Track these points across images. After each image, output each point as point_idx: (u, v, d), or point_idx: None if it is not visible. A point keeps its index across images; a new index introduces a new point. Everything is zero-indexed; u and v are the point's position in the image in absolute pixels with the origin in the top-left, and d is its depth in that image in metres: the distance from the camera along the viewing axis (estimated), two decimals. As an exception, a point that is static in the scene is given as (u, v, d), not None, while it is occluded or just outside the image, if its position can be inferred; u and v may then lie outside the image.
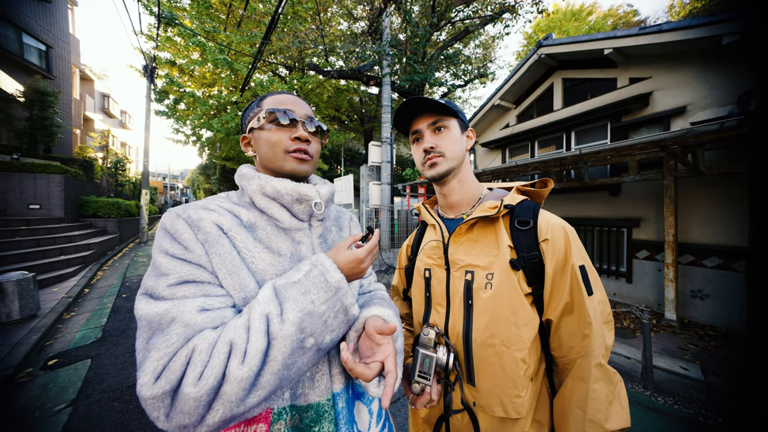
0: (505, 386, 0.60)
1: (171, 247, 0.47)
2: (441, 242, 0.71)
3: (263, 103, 0.60)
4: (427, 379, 0.61)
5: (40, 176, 6.48)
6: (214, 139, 11.04)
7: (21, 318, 3.13)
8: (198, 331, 0.42)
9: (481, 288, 0.63)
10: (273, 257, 0.54)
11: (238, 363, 0.39)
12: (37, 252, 4.97)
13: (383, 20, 5.87)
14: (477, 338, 0.62)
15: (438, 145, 0.68)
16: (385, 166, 5.66)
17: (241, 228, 0.53)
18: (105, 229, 8.07)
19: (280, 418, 0.48)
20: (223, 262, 0.48)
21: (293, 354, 0.43)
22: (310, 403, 0.51)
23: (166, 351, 0.40)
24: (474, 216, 0.66)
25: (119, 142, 21.13)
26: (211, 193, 26.83)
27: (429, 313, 0.72)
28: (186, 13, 8.57)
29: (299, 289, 0.46)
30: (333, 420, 0.52)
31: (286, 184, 0.55)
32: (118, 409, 1.93)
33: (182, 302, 0.43)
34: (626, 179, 3.63)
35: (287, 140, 0.57)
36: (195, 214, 0.51)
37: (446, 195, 0.73)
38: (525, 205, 0.66)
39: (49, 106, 7.88)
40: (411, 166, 8.98)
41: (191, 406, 0.37)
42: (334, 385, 0.55)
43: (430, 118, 0.69)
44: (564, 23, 16.47)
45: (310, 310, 0.45)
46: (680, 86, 3.57)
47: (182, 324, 0.42)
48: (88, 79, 17.02)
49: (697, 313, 3.36)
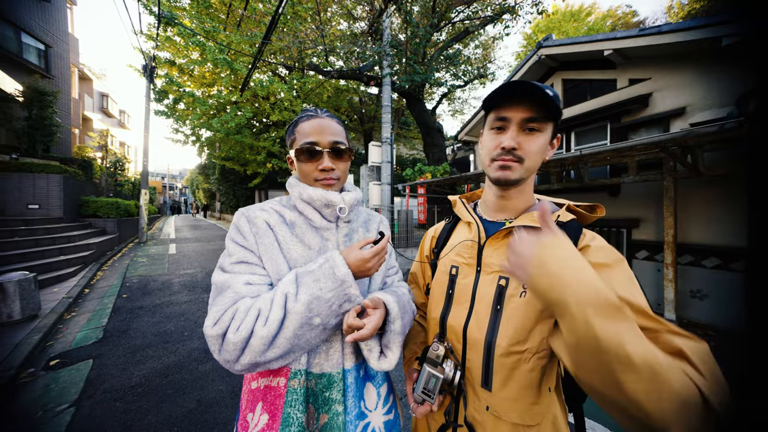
0: (524, 393, 0.58)
1: (236, 236, 0.64)
2: (476, 242, 0.68)
3: (296, 131, 0.71)
4: (431, 397, 0.61)
5: (39, 176, 6.45)
6: (214, 138, 11.04)
7: (22, 318, 3.12)
8: (241, 298, 0.57)
9: (515, 295, 0.60)
10: (304, 250, 0.67)
11: (261, 324, 0.53)
12: (36, 252, 4.95)
13: (383, 21, 5.88)
14: (502, 344, 0.60)
15: (522, 147, 0.58)
16: (385, 167, 5.67)
17: (284, 225, 0.68)
18: (104, 229, 8.04)
19: (296, 377, 0.62)
20: (267, 250, 0.64)
21: (302, 327, 0.55)
22: (324, 372, 0.63)
23: (221, 307, 0.56)
24: (521, 224, 0.61)
25: (118, 142, 21.06)
26: (210, 192, 26.76)
27: (448, 312, 0.70)
28: (186, 12, 8.55)
29: (312, 277, 0.58)
30: (341, 390, 0.63)
31: (318, 192, 0.68)
32: (120, 410, 1.93)
33: (236, 276, 0.60)
34: (626, 180, 3.65)
35: (316, 171, 0.69)
36: (253, 213, 0.67)
37: (501, 201, 0.67)
38: (570, 226, 0.61)
39: (48, 106, 7.85)
40: (411, 167, 8.98)
41: (231, 347, 0.53)
42: (345, 361, 0.65)
43: (526, 111, 0.57)
44: (563, 24, 16.51)
45: (318, 295, 0.56)
46: (680, 87, 3.59)
47: (233, 291, 0.58)
48: (87, 79, 16.95)
49: (697, 313, 3.38)
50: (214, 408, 1.97)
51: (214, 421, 1.85)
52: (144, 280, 5.20)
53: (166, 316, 3.58)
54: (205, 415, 1.90)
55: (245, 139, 10.02)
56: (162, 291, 4.62)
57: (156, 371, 2.39)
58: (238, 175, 15.70)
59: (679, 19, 15.07)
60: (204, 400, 2.04)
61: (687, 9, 14.86)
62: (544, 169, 4.35)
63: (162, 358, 2.61)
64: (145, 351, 2.72)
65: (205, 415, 1.90)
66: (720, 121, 2.71)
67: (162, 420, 1.85)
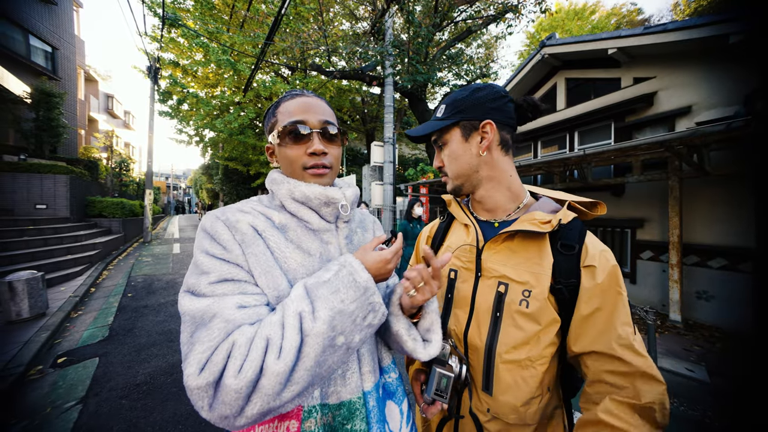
0: (524, 397, 0.59)
1: (211, 247, 0.50)
2: (475, 247, 0.67)
3: (278, 111, 0.60)
4: (443, 398, 0.59)
5: (46, 176, 6.55)
6: (217, 139, 11.11)
7: (30, 316, 3.18)
8: (237, 327, 0.44)
9: (514, 303, 0.59)
10: (303, 257, 0.56)
11: (274, 358, 0.41)
12: (44, 251, 5.03)
13: (386, 20, 5.88)
14: (502, 352, 0.60)
15: (445, 163, 0.68)
16: (388, 167, 5.67)
17: (274, 229, 0.55)
18: (110, 229, 8.14)
19: (311, 416, 0.50)
20: (258, 261, 0.51)
21: (324, 351, 0.44)
22: (342, 401, 0.53)
23: (209, 344, 0.42)
24: (521, 228, 0.59)
25: (123, 143, 21.29)
26: (213, 192, 26.94)
27: (448, 316, 0.69)
28: (189, 14, 8.63)
29: (329, 289, 0.47)
30: (364, 418, 0.53)
31: (314, 189, 0.57)
32: (126, 407, 1.96)
33: (222, 299, 0.46)
34: (630, 179, 3.62)
35: (304, 156, 0.58)
36: (233, 216, 0.53)
37: (480, 202, 0.69)
38: (572, 226, 0.61)
39: (54, 107, 7.96)
40: (413, 167, 8.98)
41: (232, 397, 0.39)
42: (364, 383, 0.56)
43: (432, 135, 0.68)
44: (567, 22, 16.38)
45: (341, 308, 0.46)
46: (685, 86, 3.55)
47: (223, 320, 0.44)
48: (93, 80, 17.16)
49: (703, 314, 3.34)
50: (218, 406, 1.99)
51: (218, 419, 1.87)
52: (149, 280, 5.26)
53: (171, 315, 3.62)
54: (210, 413, 1.92)
55: (248, 139, 10.09)
56: (166, 290, 4.67)
57: (161, 369, 2.42)
58: (241, 175, 15.81)
59: (685, 17, 14.88)
60: (208, 399, 2.06)
61: (693, 6, 14.66)
62: (546, 169, 4.32)
63: (167, 356, 2.64)
64: (150, 349, 2.76)
65: (210, 413, 1.92)
66: (727, 120, 2.68)
67: (167, 418, 1.87)
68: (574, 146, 4.86)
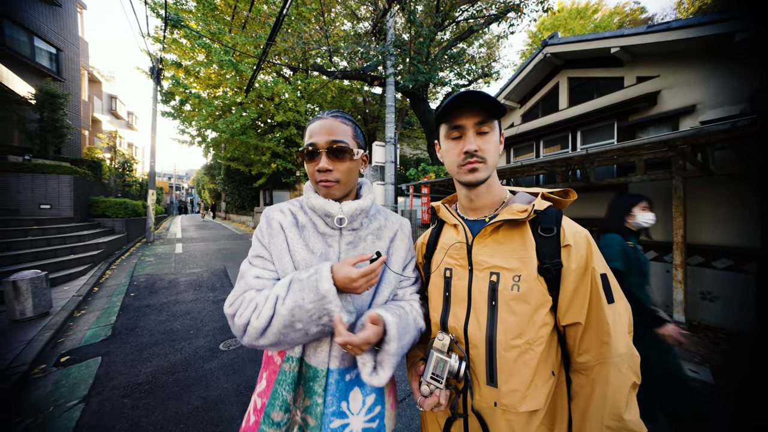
0: (529, 382, 0.61)
1: (258, 233, 0.74)
2: (465, 243, 0.71)
3: (305, 133, 0.74)
4: (439, 382, 0.62)
5: (50, 177, 6.60)
6: (219, 139, 11.15)
7: (34, 315, 3.20)
8: (250, 289, 0.67)
9: (507, 289, 0.63)
10: (307, 253, 0.72)
11: (255, 317, 0.62)
12: (48, 251, 5.07)
13: (387, 20, 5.88)
14: (502, 340, 0.62)
15: (482, 149, 0.64)
16: (389, 167, 5.66)
17: (294, 227, 0.74)
18: (113, 229, 8.20)
19: (288, 361, 0.70)
20: (276, 250, 0.72)
21: (285, 328, 0.61)
22: (311, 365, 0.70)
23: (236, 292, 0.67)
24: (502, 218, 0.65)
25: (126, 143, 21.44)
26: (215, 192, 27.06)
27: (447, 314, 0.71)
28: (192, 15, 8.67)
29: (299, 286, 0.62)
30: (323, 386, 0.68)
31: (317, 201, 0.72)
32: (128, 406, 1.97)
33: (252, 269, 0.70)
34: (633, 179, 3.59)
35: (315, 172, 0.70)
36: (272, 214, 0.76)
37: (473, 199, 0.72)
38: (549, 212, 0.66)
39: (59, 108, 8.03)
40: (414, 167, 8.97)
41: (236, 328, 0.64)
42: (330, 362, 0.70)
43: (477, 116, 0.64)
44: (569, 21, 16.31)
45: (300, 304, 0.60)
46: (689, 85, 3.52)
47: (245, 281, 0.68)
48: (96, 81, 17.29)
49: (707, 315, 3.31)
50: (219, 406, 1.99)
51: (219, 419, 1.87)
52: (151, 279, 5.29)
53: (173, 315, 3.64)
54: (211, 413, 1.92)
55: (250, 139, 10.12)
56: (169, 290, 4.69)
57: (163, 369, 2.43)
58: (243, 176, 15.86)
59: (689, 15, 14.76)
60: (209, 398, 2.07)
61: (697, 4, 14.54)
62: (549, 169, 4.30)
63: (168, 356, 2.65)
64: (152, 349, 2.77)
65: (211, 413, 1.92)
66: (731, 118, 2.65)
67: (168, 417, 1.88)
68: (576, 146, 4.83)
